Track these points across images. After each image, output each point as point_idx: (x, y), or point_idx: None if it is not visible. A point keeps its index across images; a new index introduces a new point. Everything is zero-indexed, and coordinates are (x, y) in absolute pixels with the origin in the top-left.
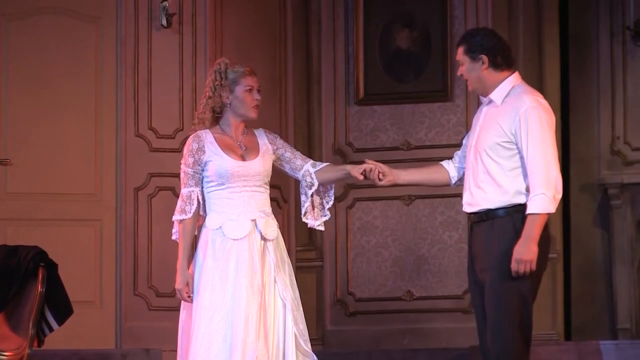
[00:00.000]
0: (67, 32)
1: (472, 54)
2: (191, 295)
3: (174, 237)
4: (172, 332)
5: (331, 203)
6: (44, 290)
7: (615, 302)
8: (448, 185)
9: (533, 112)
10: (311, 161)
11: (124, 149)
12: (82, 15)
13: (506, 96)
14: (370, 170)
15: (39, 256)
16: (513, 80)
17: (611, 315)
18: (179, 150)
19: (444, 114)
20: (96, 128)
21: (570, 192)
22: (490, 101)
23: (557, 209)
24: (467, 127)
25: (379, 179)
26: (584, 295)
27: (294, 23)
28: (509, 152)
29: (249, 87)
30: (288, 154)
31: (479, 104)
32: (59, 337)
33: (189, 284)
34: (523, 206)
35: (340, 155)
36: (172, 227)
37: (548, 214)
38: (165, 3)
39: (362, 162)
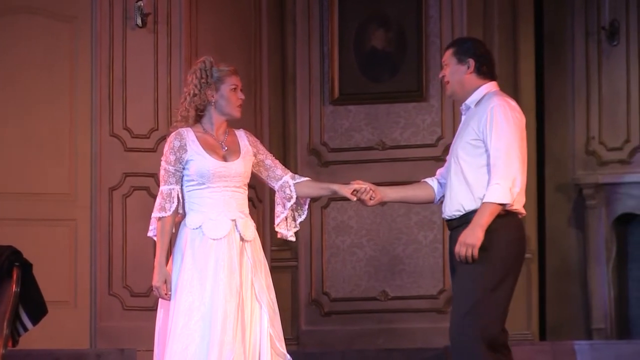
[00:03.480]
0: (41, 31)
1: (460, 56)
2: (169, 293)
3: (150, 234)
4: (146, 332)
5: (304, 217)
6: (18, 290)
7: (590, 302)
8: (432, 202)
9: (499, 109)
10: (290, 173)
11: (98, 148)
12: (57, 14)
13: (480, 100)
14: (364, 190)
15: (14, 256)
16: (489, 87)
17: (586, 315)
18: (154, 150)
19: (419, 114)
20: (71, 128)
21: (545, 192)
22: (468, 108)
23: (531, 208)
24: (442, 127)
25: (370, 199)
26: (559, 295)
27: (269, 23)
28: (477, 150)
29: (234, 86)
30: (269, 162)
31: (454, 104)
32: (33, 337)
33: (167, 282)
34: None
35: (315, 155)
36: (147, 226)
37: (502, 204)
38: (140, 3)
39: (342, 176)
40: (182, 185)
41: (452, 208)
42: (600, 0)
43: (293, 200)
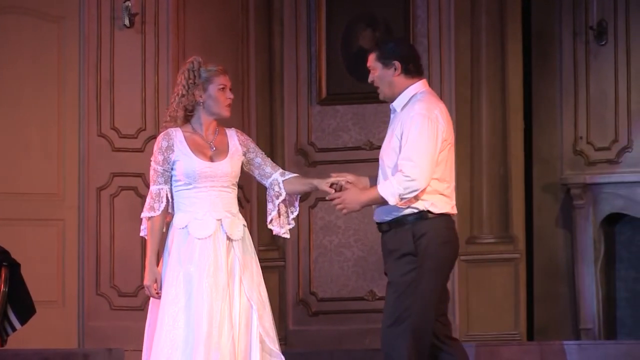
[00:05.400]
0: (29, 31)
1: (385, 60)
2: (159, 291)
3: (141, 234)
4: (134, 332)
5: (296, 213)
6: (6, 289)
7: (578, 302)
8: None
9: (417, 119)
10: (280, 170)
11: (86, 148)
12: (45, 14)
13: (406, 104)
14: (341, 187)
15: (2, 255)
16: (417, 87)
17: (574, 316)
18: (142, 150)
19: None
20: (59, 128)
21: (533, 192)
22: (394, 110)
23: (519, 208)
24: None
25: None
26: (546, 296)
27: (257, 23)
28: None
29: (222, 86)
30: (259, 160)
31: None
32: (21, 337)
33: (157, 281)
34: (421, 212)
35: (303, 155)
36: (134, 226)
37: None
38: (127, 3)
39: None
40: (171, 185)
41: (382, 212)
42: (588, 0)
43: (282, 197)
